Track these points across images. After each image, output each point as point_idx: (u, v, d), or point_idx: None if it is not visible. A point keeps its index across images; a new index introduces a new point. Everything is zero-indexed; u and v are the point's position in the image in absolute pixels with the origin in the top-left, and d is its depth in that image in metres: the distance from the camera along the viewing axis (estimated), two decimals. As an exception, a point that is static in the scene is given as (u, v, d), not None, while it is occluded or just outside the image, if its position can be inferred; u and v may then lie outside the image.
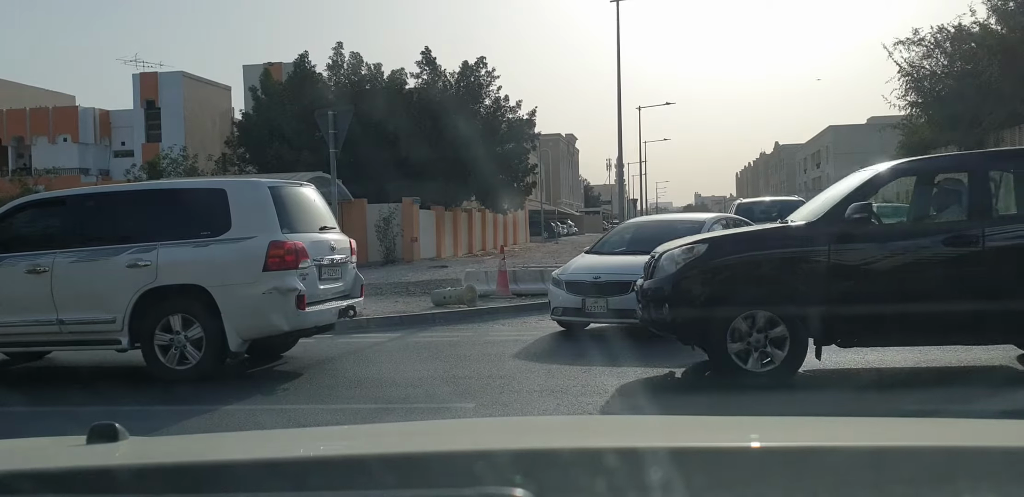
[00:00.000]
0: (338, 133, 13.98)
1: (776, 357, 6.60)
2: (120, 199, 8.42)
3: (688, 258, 6.91)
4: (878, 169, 7.15)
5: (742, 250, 7.04)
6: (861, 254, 6.69)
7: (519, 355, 8.64)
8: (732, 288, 6.79)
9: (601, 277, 9.62)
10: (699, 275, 6.87)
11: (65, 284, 7.69)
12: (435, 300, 13.24)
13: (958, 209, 6.92)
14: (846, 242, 6.61)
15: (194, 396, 6.94)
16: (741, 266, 6.87)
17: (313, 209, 8.67)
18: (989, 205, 6.80)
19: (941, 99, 26.42)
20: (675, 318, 6.85)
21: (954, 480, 1.10)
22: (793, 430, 1.51)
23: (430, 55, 33.73)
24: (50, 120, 40.50)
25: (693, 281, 6.87)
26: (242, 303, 7.47)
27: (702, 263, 6.86)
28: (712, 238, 7.31)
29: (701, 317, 6.67)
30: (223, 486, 1.15)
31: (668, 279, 6.93)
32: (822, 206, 7.15)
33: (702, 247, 6.96)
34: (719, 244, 7.10)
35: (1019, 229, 6.68)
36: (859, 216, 6.58)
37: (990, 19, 25.54)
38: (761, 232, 7.65)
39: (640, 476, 1.09)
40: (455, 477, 1.12)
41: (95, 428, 1.40)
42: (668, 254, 7.12)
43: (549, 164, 72.42)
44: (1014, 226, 6.72)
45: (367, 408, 6.47)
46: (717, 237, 7.36)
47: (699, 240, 7.24)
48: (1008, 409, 5.71)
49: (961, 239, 6.56)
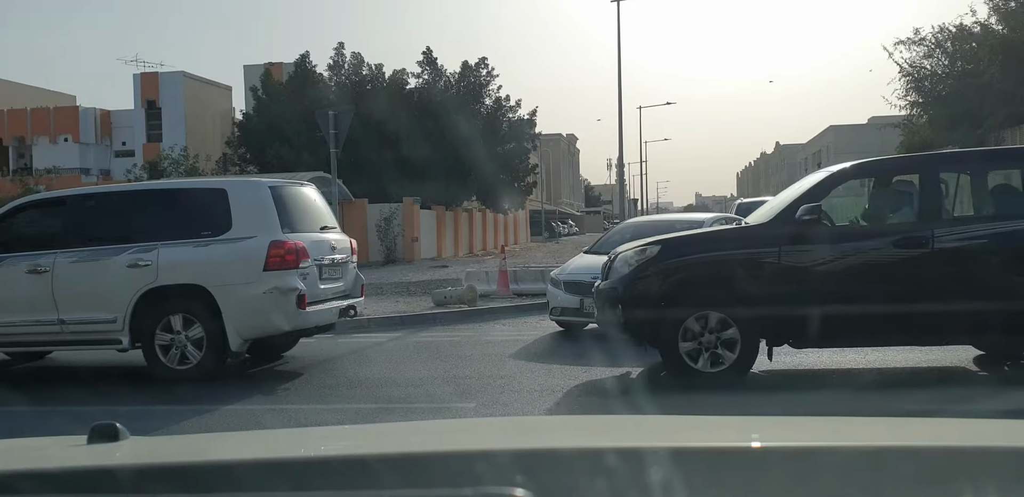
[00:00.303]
0: (339, 133, 13.99)
1: (727, 358, 6.62)
2: (121, 199, 8.43)
3: (641, 259, 6.94)
4: (831, 171, 7.21)
5: (694, 251, 7.07)
6: (811, 255, 6.72)
7: (519, 355, 8.64)
8: (684, 289, 6.80)
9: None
10: (651, 276, 6.88)
11: (66, 284, 7.69)
12: (436, 300, 13.24)
13: (909, 211, 6.95)
14: (796, 243, 6.64)
15: (195, 396, 6.94)
16: (693, 267, 6.89)
17: (314, 209, 8.67)
18: (940, 207, 6.84)
19: (942, 99, 26.40)
20: (628, 319, 6.87)
21: (954, 480, 1.10)
22: (793, 430, 1.51)
23: (431, 55, 33.77)
24: (51, 120, 40.49)
25: (645, 282, 6.88)
26: (243, 303, 7.47)
27: (654, 264, 6.89)
28: (665, 240, 7.35)
29: (653, 318, 6.69)
30: (224, 486, 1.15)
31: (621, 280, 6.96)
32: (775, 208, 7.21)
33: (655, 248, 6.99)
34: (672, 246, 7.11)
35: (969, 231, 6.70)
36: (809, 218, 6.60)
37: (991, 19, 25.52)
38: (714, 234, 7.74)
39: (641, 476, 1.09)
40: (456, 477, 1.12)
41: (96, 428, 1.40)
42: (622, 256, 7.17)
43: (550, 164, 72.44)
44: (964, 228, 6.76)
45: (368, 408, 6.47)
46: (670, 239, 7.41)
47: (652, 241, 7.27)
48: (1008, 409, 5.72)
49: (911, 241, 6.58)
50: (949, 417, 1.55)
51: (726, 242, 7.17)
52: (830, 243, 6.78)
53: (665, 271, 6.89)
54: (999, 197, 7.14)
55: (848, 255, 6.76)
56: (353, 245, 9.07)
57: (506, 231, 43.25)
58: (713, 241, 7.31)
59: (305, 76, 32.92)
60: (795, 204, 6.77)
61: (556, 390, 6.79)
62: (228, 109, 43.47)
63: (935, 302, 6.36)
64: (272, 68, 35.36)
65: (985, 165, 7.45)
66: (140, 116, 41.15)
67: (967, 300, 6.37)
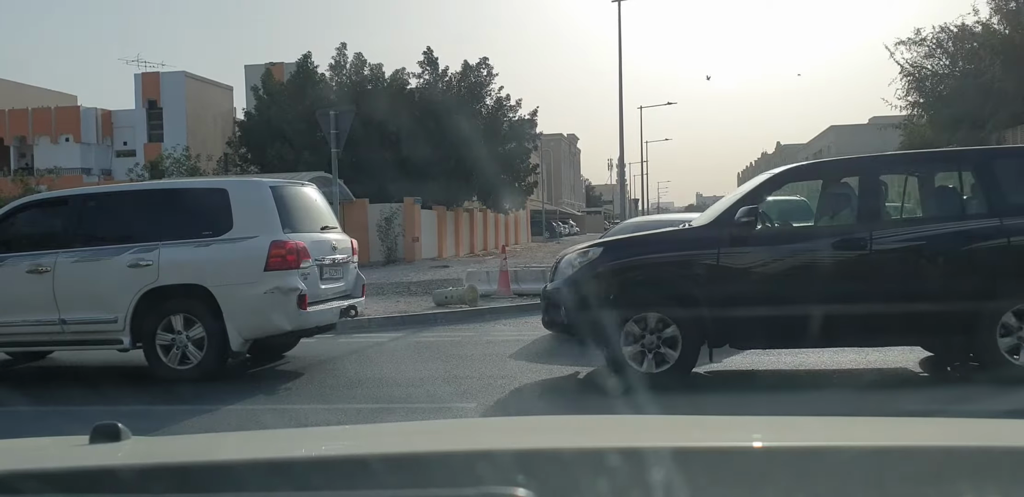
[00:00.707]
0: (339, 133, 13.99)
1: (669, 358, 6.64)
2: (122, 199, 8.43)
3: (583, 262, 6.98)
4: (770, 173, 7.27)
5: (635, 254, 7.07)
6: (749, 257, 6.76)
7: (520, 355, 8.64)
8: (625, 291, 6.82)
9: None
10: (593, 278, 6.89)
11: (67, 284, 7.69)
12: (436, 300, 13.25)
13: (850, 213, 6.99)
14: (735, 245, 6.68)
15: (196, 396, 6.94)
16: (634, 269, 6.90)
17: (315, 209, 8.68)
18: (879, 209, 6.88)
19: (943, 99, 26.40)
20: (571, 321, 6.91)
21: (956, 480, 1.10)
22: (795, 430, 1.51)
23: (432, 55, 33.77)
24: (52, 120, 40.48)
25: (587, 284, 6.89)
26: (244, 303, 7.47)
27: (596, 266, 6.91)
28: (607, 242, 7.43)
29: (595, 319, 6.71)
30: (225, 486, 1.15)
31: (564, 282, 7.01)
32: (716, 210, 7.27)
33: (597, 250, 7.03)
34: (613, 248, 7.15)
35: (907, 232, 6.74)
36: (746, 220, 6.64)
37: (993, 19, 25.52)
38: (656, 236, 7.79)
39: (642, 476, 1.09)
40: (457, 477, 1.12)
41: (98, 428, 1.41)
42: (567, 258, 7.25)
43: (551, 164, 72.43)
44: (903, 229, 6.80)
45: (368, 408, 6.47)
46: (612, 241, 7.50)
47: (594, 243, 7.34)
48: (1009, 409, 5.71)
49: (849, 242, 6.61)
50: (950, 417, 1.55)
51: (667, 244, 7.23)
52: (768, 245, 6.85)
53: (606, 273, 6.90)
54: (938, 199, 7.18)
55: (786, 257, 6.80)
56: (354, 245, 9.07)
57: (507, 231, 43.25)
58: (654, 243, 7.35)
59: (306, 76, 32.93)
60: (734, 207, 6.82)
61: (557, 390, 6.79)
62: (229, 109, 43.44)
63: (873, 303, 6.39)
64: (273, 68, 35.36)
65: (924, 167, 7.51)
66: (141, 116, 41.13)
67: (905, 301, 6.41)
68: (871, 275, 6.58)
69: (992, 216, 6.57)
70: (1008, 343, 6.37)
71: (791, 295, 6.57)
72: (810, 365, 7.68)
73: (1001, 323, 6.35)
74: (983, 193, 6.75)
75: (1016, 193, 6.75)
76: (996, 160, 7.02)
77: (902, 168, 7.95)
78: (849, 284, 6.57)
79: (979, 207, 6.77)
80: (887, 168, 7.57)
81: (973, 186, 6.90)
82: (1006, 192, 6.69)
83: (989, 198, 6.68)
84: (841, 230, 6.84)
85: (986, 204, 6.69)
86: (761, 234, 6.86)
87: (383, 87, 32.81)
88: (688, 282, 6.72)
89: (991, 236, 6.53)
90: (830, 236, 6.82)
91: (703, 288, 6.64)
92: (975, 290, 6.38)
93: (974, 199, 6.88)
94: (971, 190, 6.94)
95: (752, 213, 6.66)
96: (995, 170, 6.78)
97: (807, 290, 6.58)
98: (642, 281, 6.83)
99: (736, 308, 6.53)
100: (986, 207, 6.67)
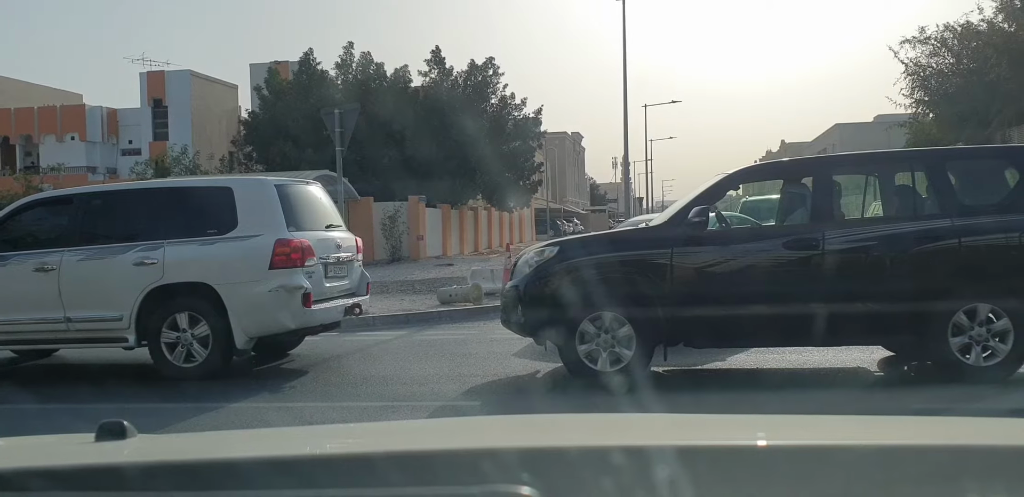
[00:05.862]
0: (344, 131, 14.00)
1: (624, 357, 6.65)
2: (127, 197, 8.44)
3: (539, 261, 6.99)
4: (726, 173, 7.28)
5: (590, 253, 7.05)
6: (702, 256, 6.77)
7: (525, 353, 8.63)
8: (579, 290, 6.78)
9: None
10: (548, 278, 6.90)
11: (72, 282, 7.71)
12: (441, 298, 13.25)
13: (803, 213, 7.01)
14: (688, 245, 6.70)
15: (201, 394, 6.96)
16: (588, 269, 6.87)
17: (319, 207, 8.69)
18: (831, 209, 6.88)
19: (948, 97, 26.35)
20: (527, 320, 6.92)
21: (962, 479, 1.09)
22: (800, 429, 1.51)
23: (439, 54, 33.77)
24: (58, 118, 40.57)
25: (543, 284, 6.91)
26: (248, 301, 7.48)
27: (551, 266, 6.91)
28: (563, 241, 7.45)
29: (550, 319, 6.74)
30: (231, 483, 1.16)
31: (522, 281, 7.01)
32: (671, 210, 7.33)
33: (552, 250, 7.04)
34: (569, 247, 7.15)
35: (859, 232, 6.74)
36: (699, 219, 6.66)
37: (997, 17, 25.45)
38: (611, 235, 7.83)
39: (647, 474, 1.09)
40: (462, 475, 1.12)
41: (104, 426, 1.41)
42: (524, 257, 7.26)
43: (555, 162, 72.38)
44: (855, 229, 6.80)
45: (373, 406, 6.48)
46: (568, 240, 7.53)
47: (551, 243, 7.35)
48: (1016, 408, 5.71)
49: (801, 242, 6.62)
50: (957, 416, 1.55)
51: (621, 243, 7.24)
52: (721, 245, 6.87)
53: (561, 272, 6.89)
54: (892, 199, 7.18)
55: (739, 256, 6.82)
56: (358, 243, 9.08)
57: (511, 229, 43.25)
58: (609, 243, 7.36)
59: (311, 74, 32.95)
60: (687, 206, 6.84)
61: (561, 388, 6.79)
62: (234, 107, 43.52)
63: (825, 303, 6.39)
64: (278, 67, 35.40)
65: (877, 168, 7.50)
66: (147, 114, 41.22)
67: (857, 301, 6.43)
68: (823, 275, 6.57)
69: (944, 217, 6.58)
70: (959, 343, 6.37)
71: (744, 294, 6.60)
72: (814, 363, 7.67)
73: (953, 323, 6.36)
74: (935, 194, 6.77)
75: (967, 194, 6.80)
76: (948, 161, 7.05)
77: (854, 168, 7.99)
78: (801, 284, 6.60)
79: (931, 208, 6.78)
80: (838, 169, 7.63)
81: (927, 187, 6.90)
82: (958, 193, 6.73)
83: (941, 199, 6.70)
84: (794, 230, 6.88)
85: (938, 205, 6.71)
86: (715, 234, 6.92)
87: (388, 86, 32.81)
88: (642, 281, 6.73)
89: (943, 236, 6.53)
90: (783, 236, 6.85)
91: (657, 287, 6.67)
92: (927, 290, 6.38)
93: (927, 200, 6.89)
94: (924, 191, 6.95)
95: (704, 213, 6.69)
96: (947, 171, 6.81)
97: (759, 289, 6.62)
98: (597, 280, 6.79)
99: (690, 307, 6.57)
100: (938, 208, 6.69)
